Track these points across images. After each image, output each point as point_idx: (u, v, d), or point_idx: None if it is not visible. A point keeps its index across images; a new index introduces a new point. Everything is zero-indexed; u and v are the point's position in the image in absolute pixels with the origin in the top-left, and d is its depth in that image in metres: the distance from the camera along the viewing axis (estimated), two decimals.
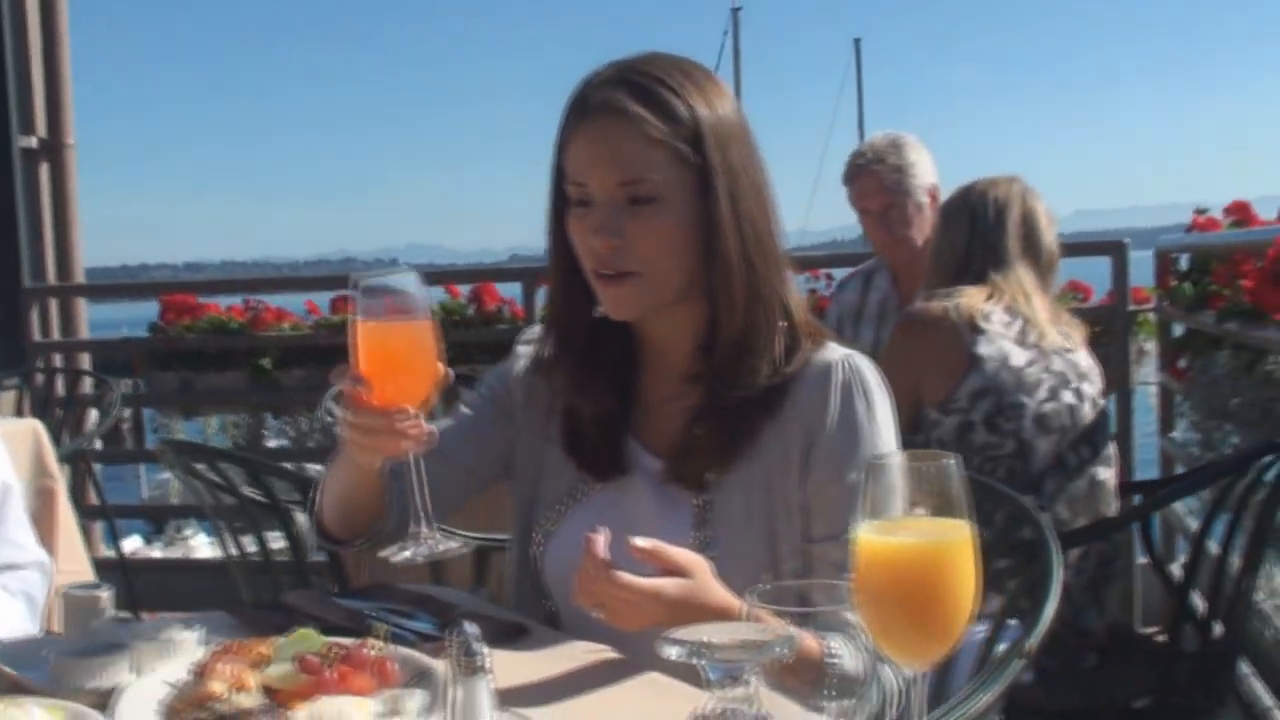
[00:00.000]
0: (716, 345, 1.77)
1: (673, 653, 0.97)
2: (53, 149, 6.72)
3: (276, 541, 2.98)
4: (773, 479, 1.76)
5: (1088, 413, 2.96)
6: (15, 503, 2.20)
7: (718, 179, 1.73)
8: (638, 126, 1.70)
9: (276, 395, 5.96)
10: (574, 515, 1.85)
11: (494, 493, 2.01)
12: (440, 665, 1.40)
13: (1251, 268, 3.78)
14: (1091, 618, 2.92)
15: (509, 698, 1.33)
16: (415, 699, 1.40)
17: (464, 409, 1.98)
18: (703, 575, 1.56)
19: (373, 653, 1.46)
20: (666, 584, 1.53)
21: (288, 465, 3.63)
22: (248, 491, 2.86)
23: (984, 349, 2.87)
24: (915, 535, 1.02)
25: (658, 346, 1.87)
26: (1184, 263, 4.91)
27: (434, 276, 6.03)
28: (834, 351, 1.81)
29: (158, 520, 10.03)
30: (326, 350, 5.91)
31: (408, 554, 1.59)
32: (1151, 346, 5.38)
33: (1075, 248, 5.04)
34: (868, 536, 1.04)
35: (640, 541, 1.53)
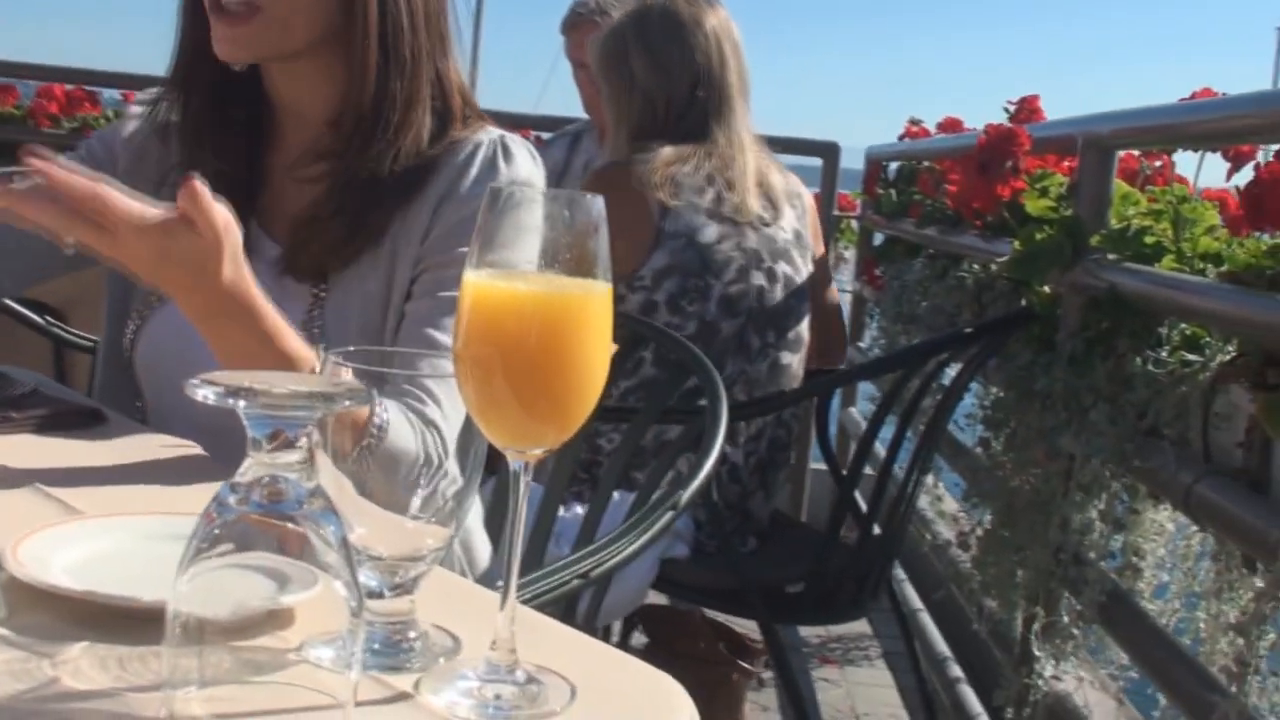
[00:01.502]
0: (346, 116, 1.54)
1: (206, 394, 0.73)
2: None
3: None
4: (394, 269, 1.54)
5: (778, 294, 2.81)
6: None
7: None
8: None
9: None
10: (173, 304, 1.58)
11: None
12: None
13: (954, 176, 3.75)
14: (758, 503, 2.81)
15: (54, 483, 1.08)
16: None
17: None
18: (229, 241, 1.27)
19: None
20: (153, 214, 1.23)
21: None
22: None
23: (671, 224, 2.67)
24: (542, 286, 0.80)
25: (286, 112, 1.63)
26: (892, 172, 4.90)
27: (111, 81, 5.49)
28: (489, 133, 1.60)
29: None
30: None
31: None
32: (851, 254, 5.40)
33: (788, 145, 4.97)
34: (481, 279, 0.81)
35: (196, 179, 1.22)
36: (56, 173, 1.18)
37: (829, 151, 4.99)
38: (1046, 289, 2.61)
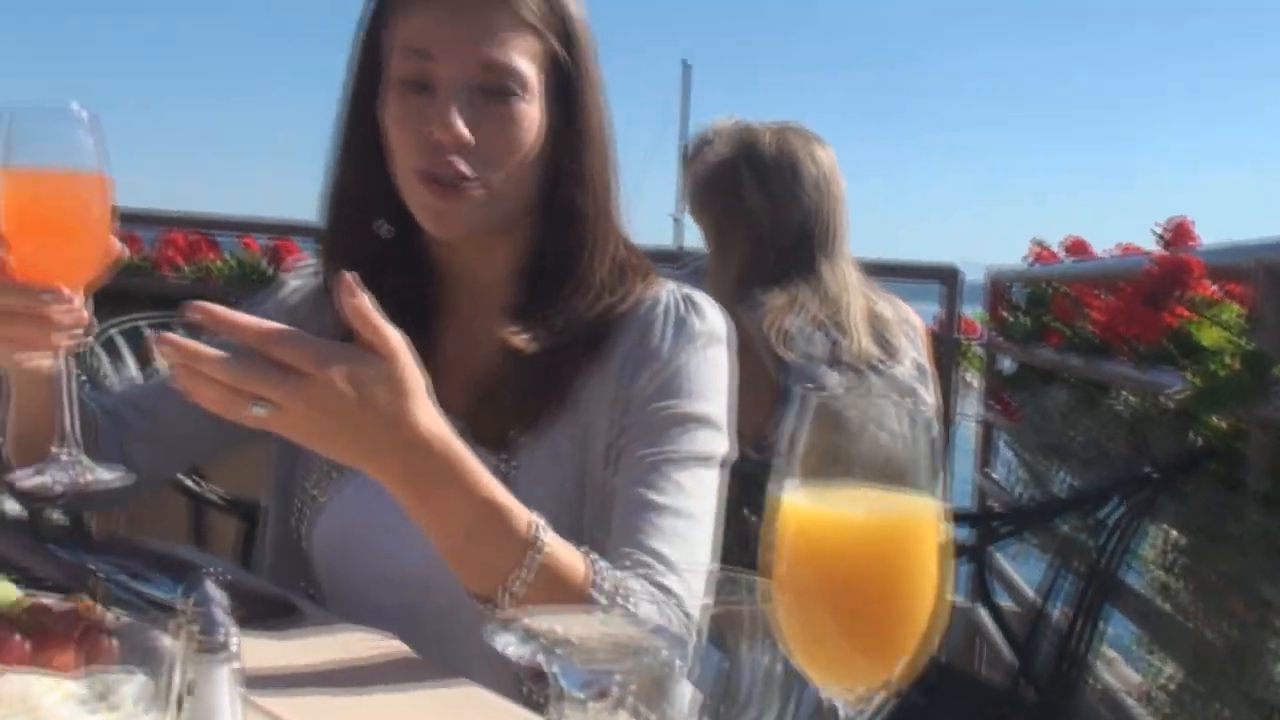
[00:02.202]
0: (526, 277, 1.49)
1: (511, 647, 0.64)
2: None
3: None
4: (589, 436, 1.46)
5: None
6: None
7: (584, 85, 1.46)
8: (506, 8, 1.41)
9: None
10: (348, 483, 1.51)
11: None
12: (170, 642, 1.04)
13: (1097, 301, 3.64)
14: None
15: (260, 689, 1.00)
16: (133, 684, 1.03)
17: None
18: (412, 376, 1.15)
19: (85, 619, 1.09)
20: (335, 346, 1.12)
21: None
22: None
23: (792, 379, 2.54)
24: (873, 507, 0.71)
25: (462, 282, 1.55)
26: (1018, 296, 4.79)
27: (230, 226, 5.58)
28: (667, 287, 1.54)
29: None
30: (102, 293, 5.35)
31: (43, 480, 1.22)
32: (975, 380, 5.26)
33: (906, 271, 4.88)
34: (799, 502, 0.72)
35: (350, 278, 1.11)
36: (227, 315, 1.11)
37: (949, 275, 4.89)
38: (1224, 424, 2.48)
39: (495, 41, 1.39)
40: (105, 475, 1.25)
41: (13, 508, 2.85)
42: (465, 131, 1.39)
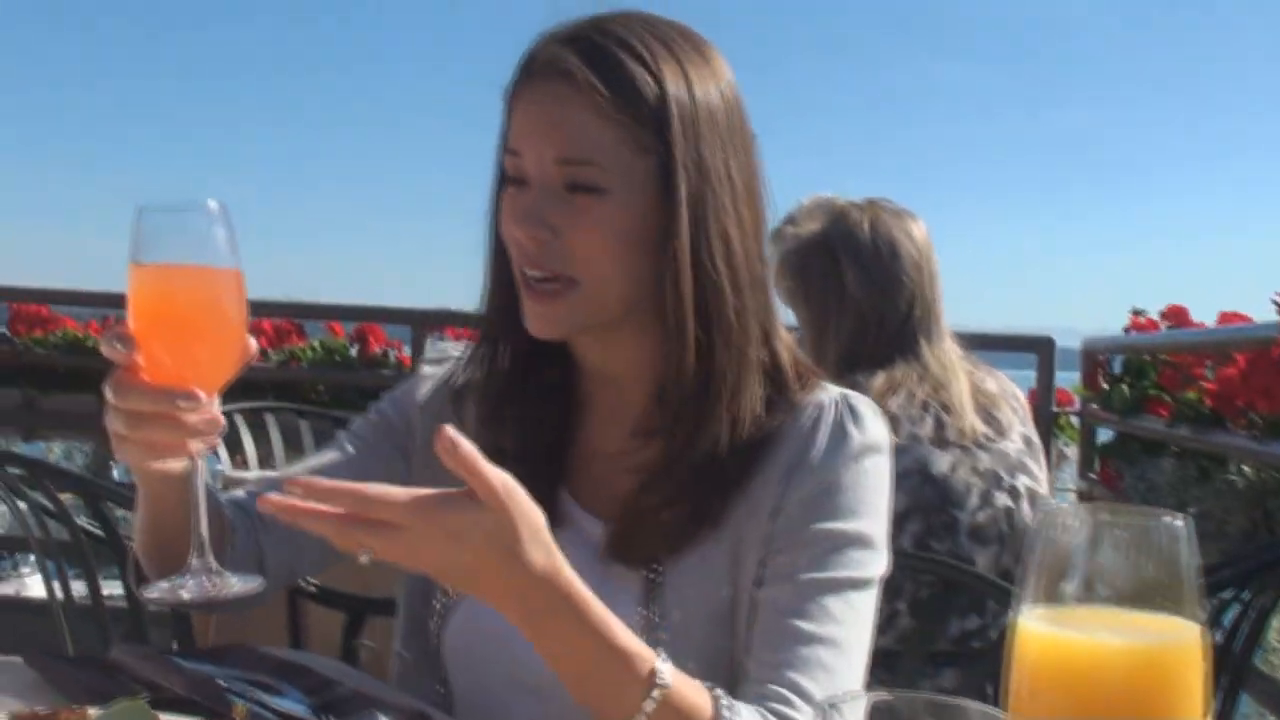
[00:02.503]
0: (670, 388, 1.39)
1: None
2: None
3: (113, 585, 2.53)
4: (742, 548, 1.38)
5: (1027, 511, 2.59)
6: None
7: (681, 175, 1.36)
8: (587, 96, 1.34)
9: None
10: None
11: None
12: None
13: (1204, 370, 3.54)
14: None
15: None
16: None
17: (345, 441, 1.57)
18: (524, 517, 1.13)
19: None
20: (431, 492, 1.11)
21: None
22: (83, 521, 2.41)
23: (900, 462, 2.45)
24: (1129, 636, 0.64)
25: (602, 381, 1.49)
26: (1117, 365, 4.68)
27: (317, 312, 5.62)
28: (828, 391, 1.45)
29: None
30: None
31: (183, 595, 1.18)
32: (1072, 451, 5.15)
33: (1000, 342, 4.80)
34: (1045, 629, 0.66)
35: (450, 431, 1.09)
36: (321, 485, 1.11)
37: (1043, 346, 4.80)
38: None
39: (572, 135, 1.34)
40: (236, 584, 1.21)
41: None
42: (540, 230, 1.34)
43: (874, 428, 1.42)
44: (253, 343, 1.20)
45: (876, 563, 1.38)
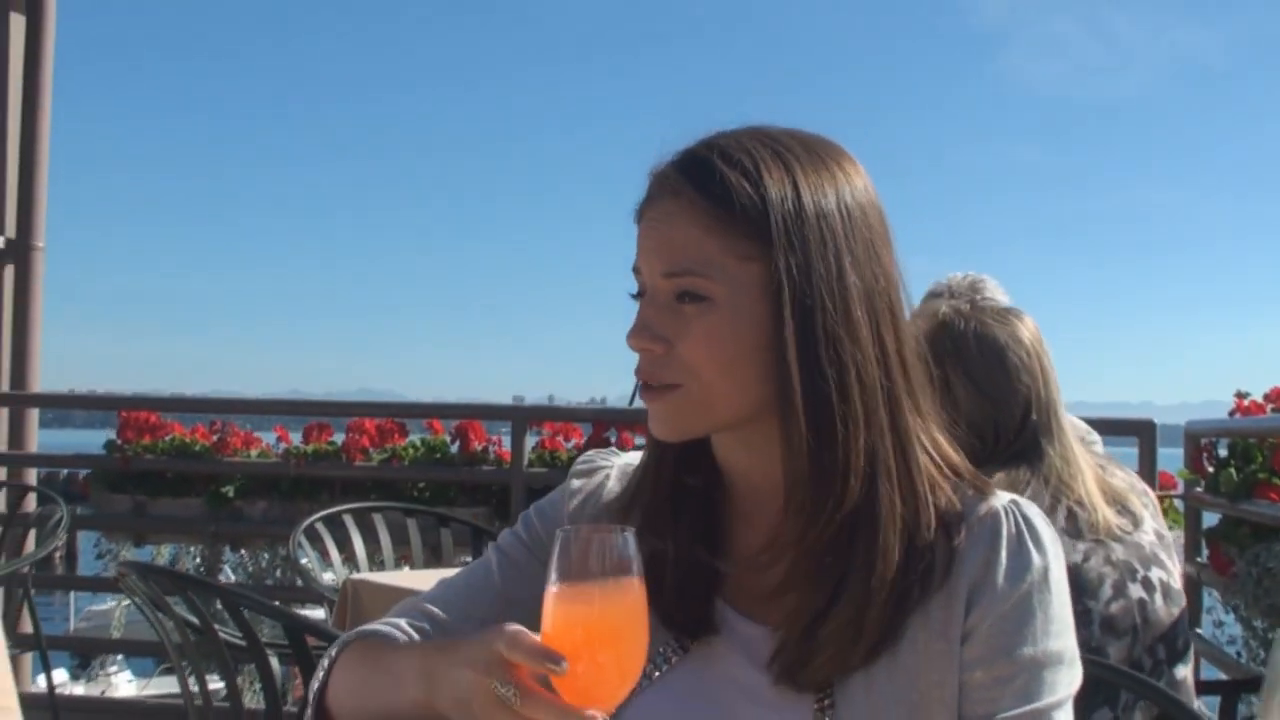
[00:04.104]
0: (794, 495, 1.38)
1: None
2: (20, 250, 6.34)
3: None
4: (919, 672, 1.36)
5: (1159, 604, 2.58)
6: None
7: (785, 282, 1.36)
8: (688, 208, 1.37)
9: (237, 526, 5.55)
10: (660, 683, 1.46)
11: None
12: None
13: None
14: None
15: None
16: None
17: (494, 562, 1.59)
18: None
19: None
20: None
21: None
22: (224, 632, 2.47)
23: None
24: None
25: (745, 487, 1.49)
26: (1222, 449, 4.64)
27: (418, 411, 5.72)
28: (998, 498, 1.43)
29: (87, 655, 9.45)
30: (295, 482, 5.58)
31: None
32: (1175, 534, 5.10)
33: (1099, 426, 4.77)
34: None
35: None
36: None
37: (1145, 430, 4.77)
38: None
39: (676, 247, 1.37)
40: None
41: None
42: (650, 341, 1.38)
43: (1049, 538, 1.42)
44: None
45: (1074, 676, 1.37)
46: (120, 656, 10.22)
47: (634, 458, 1.61)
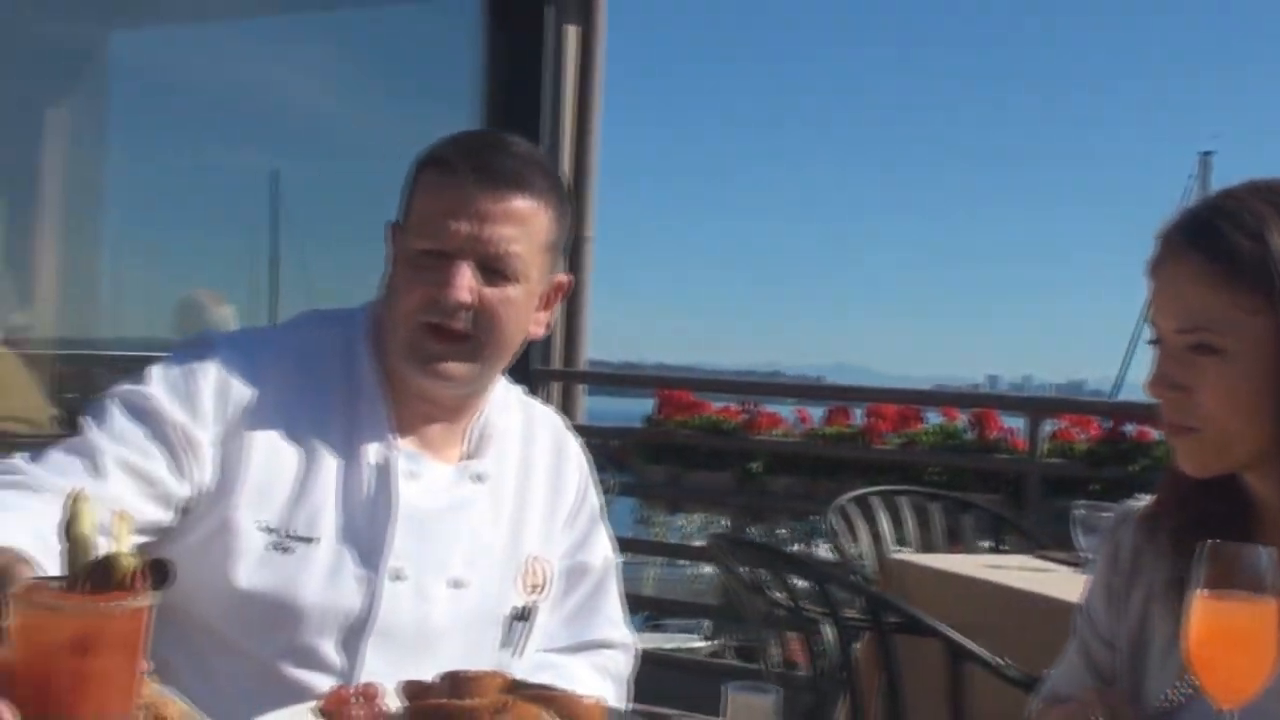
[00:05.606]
0: None
1: None
2: (572, 240, 6.95)
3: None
4: None
5: None
6: (615, 578, 2.14)
7: None
8: (1192, 269, 1.50)
9: (761, 499, 5.96)
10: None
11: None
12: None
13: None
14: None
15: None
16: None
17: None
18: None
19: None
20: None
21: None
22: (807, 605, 2.78)
23: None
24: None
25: (1272, 518, 1.58)
26: None
27: (937, 399, 5.90)
28: None
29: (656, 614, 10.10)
30: (814, 461, 5.92)
31: None
32: None
33: None
34: None
35: None
36: None
37: None
38: None
39: (1183, 306, 1.50)
40: None
41: None
42: (1166, 390, 1.52)
43: None
44: None
45: None
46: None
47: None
